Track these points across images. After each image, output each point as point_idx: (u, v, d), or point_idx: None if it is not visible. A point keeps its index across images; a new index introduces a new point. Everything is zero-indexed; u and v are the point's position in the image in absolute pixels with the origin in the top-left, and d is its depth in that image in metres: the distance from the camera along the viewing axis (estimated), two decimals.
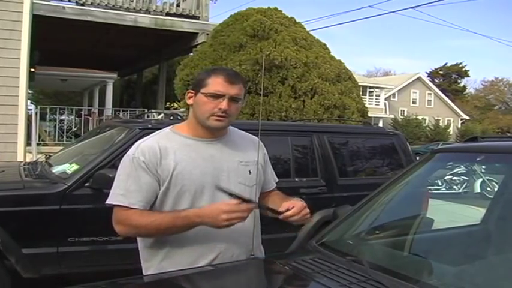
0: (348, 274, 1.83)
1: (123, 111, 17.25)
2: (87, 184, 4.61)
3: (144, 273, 2.24)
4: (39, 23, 10.95)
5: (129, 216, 2.13)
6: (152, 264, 2.21)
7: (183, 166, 2.15)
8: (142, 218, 2.11)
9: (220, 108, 2.15)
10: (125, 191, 2.14)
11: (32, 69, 12.33)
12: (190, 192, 2.15)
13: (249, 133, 2.46)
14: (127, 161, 2.19)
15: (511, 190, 2.89)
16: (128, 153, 2.21)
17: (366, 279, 1.78)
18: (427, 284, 1.82)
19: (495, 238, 2.64)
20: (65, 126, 15.92)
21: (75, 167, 4.89)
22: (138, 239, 2.30)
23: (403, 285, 1.76)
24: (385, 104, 46.85)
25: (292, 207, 2.13)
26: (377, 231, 2.53)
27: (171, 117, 5.77)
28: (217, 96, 2.15)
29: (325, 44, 12.85)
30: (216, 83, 2.17)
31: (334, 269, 1.91)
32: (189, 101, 2.26)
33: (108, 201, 2.19)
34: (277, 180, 2.55)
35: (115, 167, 4.67)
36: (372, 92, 45.65)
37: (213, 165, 2.20)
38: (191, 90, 2.26)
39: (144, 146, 2.17)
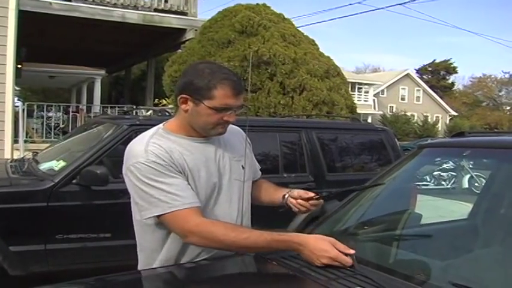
0: (336, 268, 1.83)
1: (111, 108, 17.16)
2: (74, 181, 4.59)
3: None
4: (26, 19, 10.89)
5: (206, 226, 1.97)
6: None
7: (191, 168, 2.06)
8: (230, 232, 1.96)
9: (227, 120, 2.08)
10: (172, 196, 1.97)
11: (19, 66, 12.25)
12: (201, 194, 2.07)
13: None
14: (146, 168, 1.98)
15: (497, 185, 2.91)
16: (138, 161, 2.00)
17: (354, 274, 1.78)
18: (414, 278, 1.82)
19: (482, 232, 2.66)
20: (53, 123, 15.78)
21: (62, 163, 4.87)
22: (138, 243, 2.20)
23: (391, 279, 1.76)
24: (374, 100, 47.02)
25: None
26: (365, 226, 2.54)
27: (159, 114, 5.76)
28: (225, 110, 2.05)
29: (313, 40, 12.87)
30: (224, 97, 2.03)
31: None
32: (183, 107, 2.09)
33: (157, 213, 1.98)
34: (259, 167, 2.52)
35: (103, 163, 4.71)
36: (361, 88, 45.80)
37: (214, 165, 2.15)
38: (186, 96, 2.07)
39: (154, 150, 2.02)
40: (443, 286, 1.73)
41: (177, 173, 2.02)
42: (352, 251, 1.88)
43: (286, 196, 2.31)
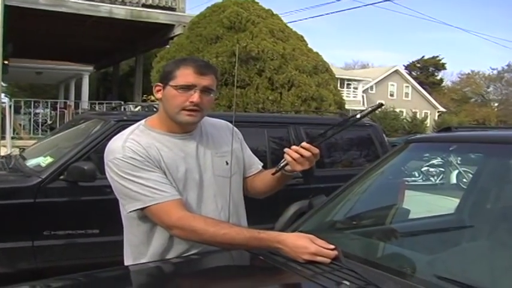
0: (323, 263, 1.84)
1: (99, 104, 17.11)
2: (62, 177, 4.57)
3: None
4: (12, 14, 10.81)
5: (187, 220, 1.98)
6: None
7: (168, 164, 2.07)
8: (210, 228, 1.96)
9: (191, 102, 2.05)
10: (151, 190, 1.99)
11: (5, 62, 12.17)
12: (181, 190, 2.08)
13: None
14: (123, 164, 2.01)
15: (483, 179, 2.94)
16: (115, 156, 2.03)
17: (340, 268, 1.79)
18: (400, 271, 1.83)
19: (468, 226, 2.69)
20: (40, 120, 15.73)
21: (49, 159, 4.84)
22: (125, 238, 2.21)
23: (377, 273, 1.77)
24: (362, 96, 47.10)
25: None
26: (351, 221, 2.55)
27: (146, 109, 5.75)
28: (187, 88, 2.05)
29: (302, 36, 12.89)
30: (185, 75, 2.06)
31: None
32: (158, 95, 2.16)
33: (139, 206, 2.01)
34: (261, 163, 2.47)
35: (90, 159, 4.68)
36: (350, 84, 45.88)
37: (194, 161, 2.14)
38: (159, 84, 2.15)
39: (131, 146, 2.04)
40: (429, 279, 1.74)
41: (154, 168, 2.03)
42: (332, 246, 1.89)
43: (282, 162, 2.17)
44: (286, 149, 2.12)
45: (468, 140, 2.55)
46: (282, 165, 2.15)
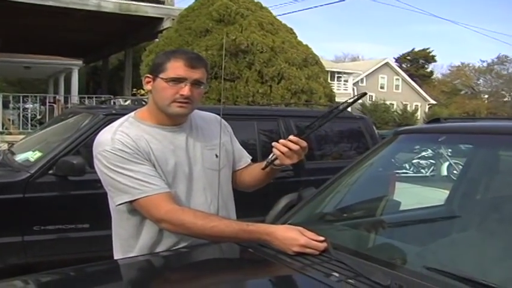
0: (312, 255, 1.84)
1: (88, 98, 17.03)
2: (51, 171, 4.55)
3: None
4: None
5: (176, 213, 1.97)
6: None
7: (158, 156, 2.06)
8: (198, 221, 1.95)
9: (182, 94, 2.04)
10: (140, 182, 1.98)
11: None
12: (170, 182, 2.07)
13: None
14: (112, 156, 2.00)
15: (473, 170, 2.95)
16: (104, 149, 2.01)
17: (329, 260, 1.79)
18: (389, 263, 1.83)
19: (457, 217, 2.69)
20: (30, 115, 15.63)
21: (38, 154, 4.82)
22: (114, 231, 2.21)
23: (366, 265, 1.77)
24: (353, 89, 47.10)
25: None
26: (341, 213, 2.54)
27: (136, 103, 5.73)
28: (178, 80, 2.04)
29: (291, 29, 12.88)
30: (176, 67, 2.05)
31: None
32: (147, 87, 2.15)
33: (127, 199, 2.00)
34: (250, 157, 2.46)
35: (79, 153, 4.66)
36: (340, 77, 45.89)
37: (184, 154, 2.14)
38: (149, 75, 2.14)
39: (120, 138, 2.03)
40: (418, 270, 1.74)
41: (143, 161, 2.02)
42: (322, 238, 1.88)
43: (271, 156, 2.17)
44: (274, 143, 2.12)
45: (457, 131, 2.55)
46: (271, 159, 2.15)
